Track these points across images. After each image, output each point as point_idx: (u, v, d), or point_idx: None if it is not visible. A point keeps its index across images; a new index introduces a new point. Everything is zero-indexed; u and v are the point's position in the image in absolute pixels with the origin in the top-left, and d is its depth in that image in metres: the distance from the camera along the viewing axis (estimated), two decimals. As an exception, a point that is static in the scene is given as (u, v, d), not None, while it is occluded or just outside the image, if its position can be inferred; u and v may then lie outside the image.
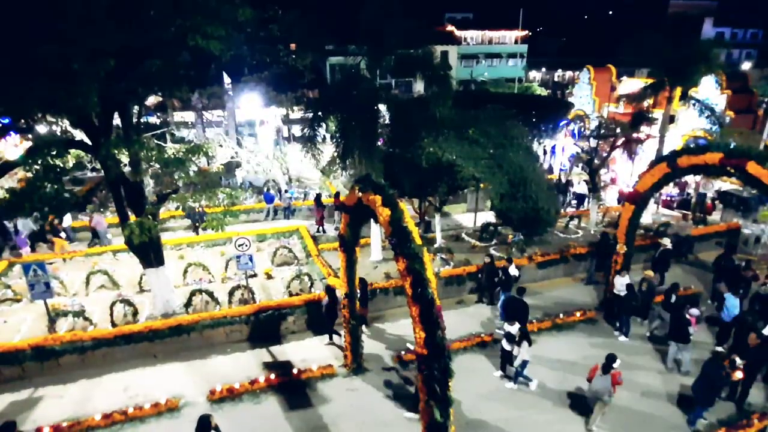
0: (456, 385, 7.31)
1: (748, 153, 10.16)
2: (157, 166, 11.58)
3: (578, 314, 12.95)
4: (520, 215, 13.64)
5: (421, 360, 6.67)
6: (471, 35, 59.57)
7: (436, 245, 16.10)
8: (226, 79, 28.32)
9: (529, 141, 17.19)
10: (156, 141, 20.87)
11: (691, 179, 21.08)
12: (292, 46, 28.42)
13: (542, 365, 11.04)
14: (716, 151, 10.60)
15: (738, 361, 9.12)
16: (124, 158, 11.41)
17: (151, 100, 26.46)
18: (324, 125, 15.03)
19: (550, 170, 25.61)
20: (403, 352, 11.25)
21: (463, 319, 12.92)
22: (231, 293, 12.89)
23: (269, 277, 14.65)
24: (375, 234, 15.49)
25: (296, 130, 32.98)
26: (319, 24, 18.16)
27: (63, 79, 8.40)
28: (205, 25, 9.57)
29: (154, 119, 31.11)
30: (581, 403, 9.78)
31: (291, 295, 13.12)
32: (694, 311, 10.59)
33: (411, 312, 6.73)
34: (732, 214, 19.38)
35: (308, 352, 11.57)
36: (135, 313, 12.24)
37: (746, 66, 50.64)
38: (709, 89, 22.62)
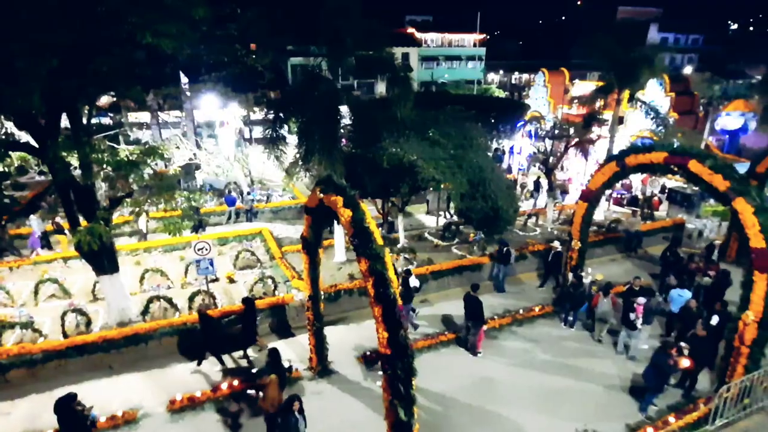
0: (421, 383, 7.44)
1: (689, 152, 10.82)
2: (110, 169, 11.14)
3: (537, 309, 13.38)
4: (480, 215, 13.96)
5: (385, 359, 6.74)
6: (431, 37, 60.44)
7: (399, 245, 16.26)
8: (183, 79, 27.52)
9: (489, 142, 17.64)
10: (109, 143, 20.05)
11: (637, 178, 22.20)
12: (252, 46, 27.97)
13: (504, 360, 11.37)
14: (661, 151, 11.23)
15: (683, 345, 9.67)
16: (75, 161, 10.93)
17: (104, 100, 25.41)
18: (286, 126, 14.92)
19: (509, 170, 26.33)
20: (367, 353, 11.29)
21: (427, 318, 13.11)
22: (191, 299, 12.58)
23: (231, 281, 14.39)
24: (339, 235, 15.49)
25: (258, 131, 32.48)
26: (280, 23, 17.93)
27: (2, 77, 7.97)
28: (157, 22, 9.27)
29: (107, 120, 29.87)
30: (543, 395, 10.16)
31: (255, 298, 12.92)
32: (641, 300, 11.11)
33: (374, 312, 6.79)
34: (677, 209, 20.55)
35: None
36: (88, 323, 11.76)
37: (688, 70, 53.69)
38: (655, 92, 23.93)
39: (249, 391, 9.83)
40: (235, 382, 10.07)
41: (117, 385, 10.34)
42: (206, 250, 12.10)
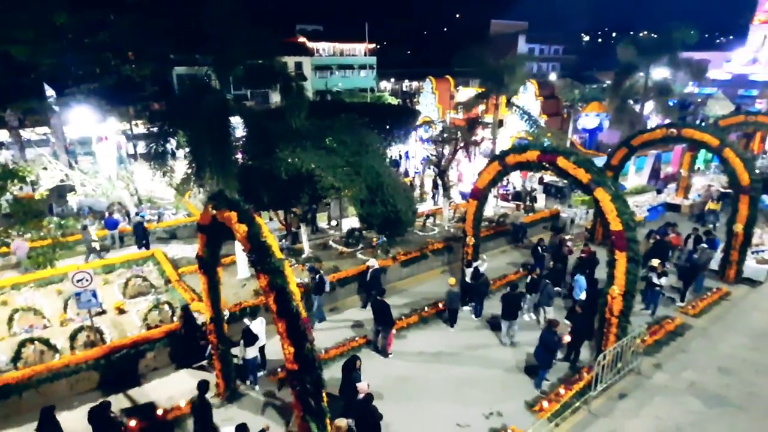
0: (335, 392, 7.38)
1: (557, 150, 12.19)
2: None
3: (441, 305, 14.03)
4: (380, 219, 14.32)
5: (292, 375, 6.63)
6: (323, 47, 60.83)
7: (304, 255, 16.08)
8: (49, 92, 24.57)
9: (384, 147, 18.16)
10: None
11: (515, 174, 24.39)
12: (130, 54, 25.81)
13: (414, 358, 11.78)
14: (534, 150, 12.49)
15: (565, 322, 10.84)
16: None
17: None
18: (173, 140, 14.02)
19: (406, 174, 27.36)
20: (278, 370, 10.99)
21: (337, 325, 13.15)
22: (73, 337, 11.25)
23: (121, 311, 13.11)
24: (240, 250, 14.89)
25: (143, 146, 30.06)
26: (157, 31, 16.80)
27: None
28: (8, 26, 8.23)
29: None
30: (452, 386, 10.73)
31: (149, 328, 11.95)
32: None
33: (277, 328, 6.66)
34: (552, 201, 22.93)
35: (174, 388, 10.63)
36: (-60, 381, 9.95)
37: (553, 76, 60.19)
38: (527, 97, 26.56)
39: None
40: (133, 423, 9.13)
41: (-17, 447, 8.94)
42: (86, 281, 10.89)
